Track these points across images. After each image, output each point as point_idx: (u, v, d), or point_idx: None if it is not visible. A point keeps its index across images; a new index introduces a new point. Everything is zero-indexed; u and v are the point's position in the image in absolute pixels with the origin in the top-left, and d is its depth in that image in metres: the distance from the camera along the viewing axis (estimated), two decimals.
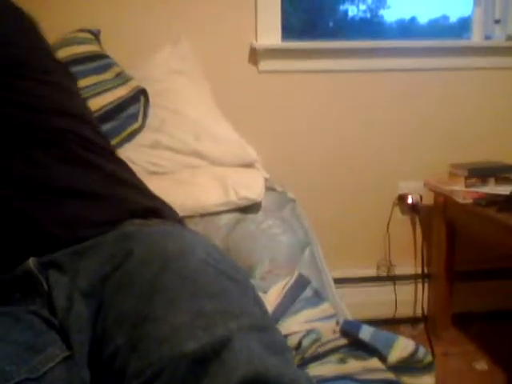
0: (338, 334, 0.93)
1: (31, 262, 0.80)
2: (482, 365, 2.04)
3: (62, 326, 0.74)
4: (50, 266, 0.80)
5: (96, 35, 1.92)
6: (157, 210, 0.95)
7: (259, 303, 0.78)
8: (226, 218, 1.50)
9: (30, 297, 0.79)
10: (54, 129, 0.95)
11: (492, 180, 2.07)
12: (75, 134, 0.97)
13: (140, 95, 1.79)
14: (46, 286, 0.78)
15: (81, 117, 1.03)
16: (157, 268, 0.71)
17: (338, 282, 2.15)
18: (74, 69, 1.66)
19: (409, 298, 2.35)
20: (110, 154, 1.04)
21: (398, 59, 2.25)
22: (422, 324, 2.28)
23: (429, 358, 0.88)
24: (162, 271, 0.70)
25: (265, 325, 0.69)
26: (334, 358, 0.90)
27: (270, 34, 2.17)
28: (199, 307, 0.65)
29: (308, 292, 1.06)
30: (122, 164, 1.05)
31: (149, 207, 0.94)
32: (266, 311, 0.80)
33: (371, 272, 2.35)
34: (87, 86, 1.67)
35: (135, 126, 1.73)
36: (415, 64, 2.26)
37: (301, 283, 1.08)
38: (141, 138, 1.73)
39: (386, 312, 2.30)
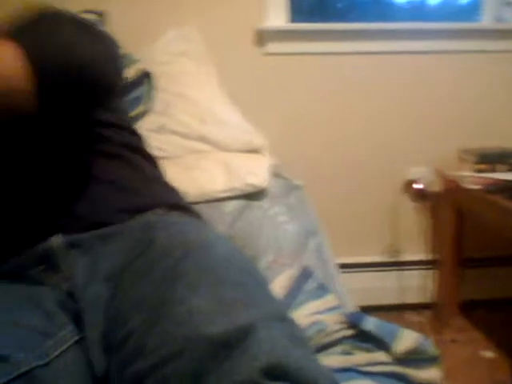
0: (342, 325, 0.93)
1: (55, 239, 0.82)
2: (489, 352, 2.03)
3: (77, 307, 0.75)
4: (73, 246, 0.81)
5: (101, 16, 1.89)
6: (179, 204, 0.97)
7: (275, 299, 0.78)
8: (231, 205, 1.48)
9: (47, 274, 0.80)
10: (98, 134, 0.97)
11: (502, 166, 2.04)
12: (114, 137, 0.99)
13: (144, 78, 1.77)
14: (66, 265, 0.80)
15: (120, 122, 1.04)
16: (178, 257, 0.72)
17: (345, 267, 2.16)
18: None
19: (416, 285, 2.33)
20: (141, 151, 1.05)
21: (407, 42, 2.22)
22: (428, 311, 2.27)
23: (434, 351, 0.87)
24: (183, 260, 0.71)
25: (285, 316, 0.70)
26: (338, 349, 0.90)
27: (277, 16, 2.14)
28: (219, 294, 0.65)
29: (311, 284, 1.05)
30: (150, 161, 1.05)
31: (172, 201, 0.96)
32: (282, 305, 0.81)
33: (378, 258, 2.33)
34: None
35: (139, 109, 1.72)
36: (425, 47, 2.22)
37: (304, 275, 1.07)
38: (146, 122, 1.71)
39: (392, 298, 2.29)
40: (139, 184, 0.95)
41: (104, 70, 0.84)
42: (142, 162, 1.01)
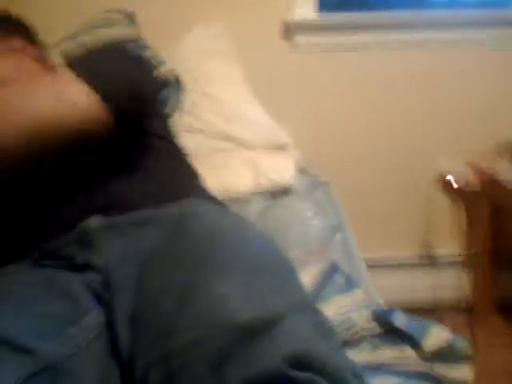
0: (371, 321, 0.91)
1: (94, 220, 0.86)
2: None
3: (107, 287, 0.77)
4: (110, 227, 0.85)
5: (130, 16, 1.89)
6: (211, 197, 1.04)
7: (304, 289, 0.80)
8: (257, 203, 1.50)
9: (81, 254, 0.82)
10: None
11: None
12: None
13: (171, 80, 1.76)
14: (101, 245, 0.82)
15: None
16: (211, 244, 0.75)
17: (375, 266, 2.11)
18: None
19: (450, 284, 2.26)
20: (178, 156, 1.14)
21: (439, 32, 2.16)
22: (463, 311, 2.21)
23: (466, 350, 0.84)
24: (216, 248, 0.74)
25: (313, 307, 0.71)
26: (367, 345, 0.89)
27: (304, 8, 2.11)
28: (250, 281, 0.68)
29: (339, 279, 1.05)
30: (186, 163, 1.13)
31: (205, 194, 1.03)
32: (310, 296, 0.84)
33: (410, 256, 2.28)
34: None
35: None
36: (455, 37, 2.16)
37: (332, 270, 1.07)
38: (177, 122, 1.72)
39: (424, 298, 2.22)
40: (174, 178, 1.01)
41: (150, 90, 1.06)
42: (178, 164, 1.08)
